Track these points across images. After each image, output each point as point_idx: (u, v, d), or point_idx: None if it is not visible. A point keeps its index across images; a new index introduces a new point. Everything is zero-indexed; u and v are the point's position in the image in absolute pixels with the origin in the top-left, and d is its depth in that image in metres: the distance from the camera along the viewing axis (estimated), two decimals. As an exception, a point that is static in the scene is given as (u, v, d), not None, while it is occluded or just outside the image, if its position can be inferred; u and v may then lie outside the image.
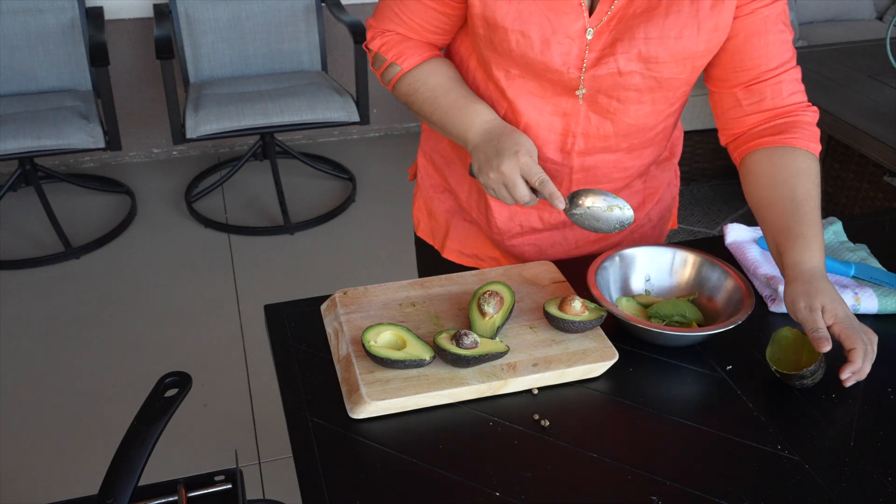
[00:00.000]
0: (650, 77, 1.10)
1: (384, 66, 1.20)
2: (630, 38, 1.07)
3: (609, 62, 1.08)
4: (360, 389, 0.94)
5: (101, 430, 2.21)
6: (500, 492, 0.86)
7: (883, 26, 3.74)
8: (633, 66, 1.08)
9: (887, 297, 1.13)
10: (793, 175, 1.10)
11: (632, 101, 1.13)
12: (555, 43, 1.07)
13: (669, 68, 1.09)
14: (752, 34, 1.10)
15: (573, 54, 1.08)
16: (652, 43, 1.06)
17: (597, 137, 1.17)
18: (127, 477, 0.86)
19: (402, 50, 1.18)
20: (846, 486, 0.87)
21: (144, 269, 2.95)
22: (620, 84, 1.10)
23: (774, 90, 1.13)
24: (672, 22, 1.06)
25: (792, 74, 1.14)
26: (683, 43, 1.07)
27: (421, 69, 1.18)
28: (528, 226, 1.28)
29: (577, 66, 1.09)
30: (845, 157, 2.66)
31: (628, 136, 1.18)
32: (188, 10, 3.20)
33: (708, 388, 1.01)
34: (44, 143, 2.80)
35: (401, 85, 1.20)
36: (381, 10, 1.19)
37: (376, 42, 1.20)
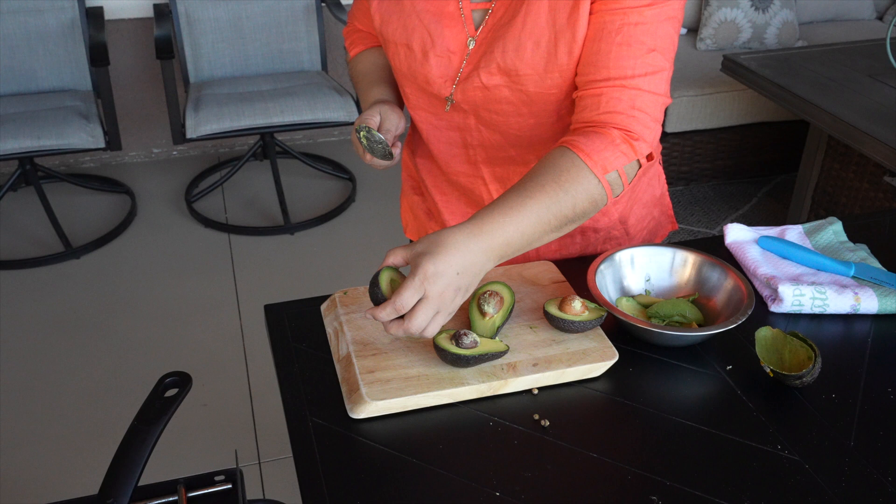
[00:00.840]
0: (518, 90, 1.06)
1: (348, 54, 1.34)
2: (490, 51, 1.05)
3: (473, 77, 1.08)
4: (360, 389, 0.94)
5: (101, 430, 2.21)
6: (500, 492, 0.86)
7: (883, 26, 3.74)
8: (497, 80, 1.06)
9: (887, 297, 1.13)
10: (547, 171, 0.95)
11: (510, 113, 1.10)
12: (433, 56, 1.09)
13: (534, 82, 1.04)
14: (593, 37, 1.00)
15: (452, 67, 1.09)
16: (509, 55, 1.03)
17: (494, 148, 1.17)
18: (127, 477, 0.86)
19: (354, 40, 1.32)
20: (846, 486, 0.87)
21: (144, 269, 2.95)
22: (491, 98, 1.09)
23: (592, 102, 1.00)
24: (528, 32, 1.02)
25: (620, 93, 0.98)
26: (541, 54, 1.01)
27: (359, 56, 1.31)
28: None
29: (451, 80, 1.11)
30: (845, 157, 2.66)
31: (529, 148, 1.15)
32: (188, 10, 3.20)
33: (708, 388, 1.01)
34: (44, 143, 2.80)
35: (349, 68, 1.34)
36: (352, 9, 1.32)
37: (345, 31, 1.35)
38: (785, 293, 1.12)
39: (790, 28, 3.46)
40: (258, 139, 3.39)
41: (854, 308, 1.12)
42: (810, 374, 0.97)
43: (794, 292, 1.12)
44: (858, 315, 1.14)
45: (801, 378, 0.97)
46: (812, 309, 1.13)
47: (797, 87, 2.48)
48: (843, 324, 1.13)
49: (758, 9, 3.40)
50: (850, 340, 1.09)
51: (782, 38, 3.45)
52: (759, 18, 3.41)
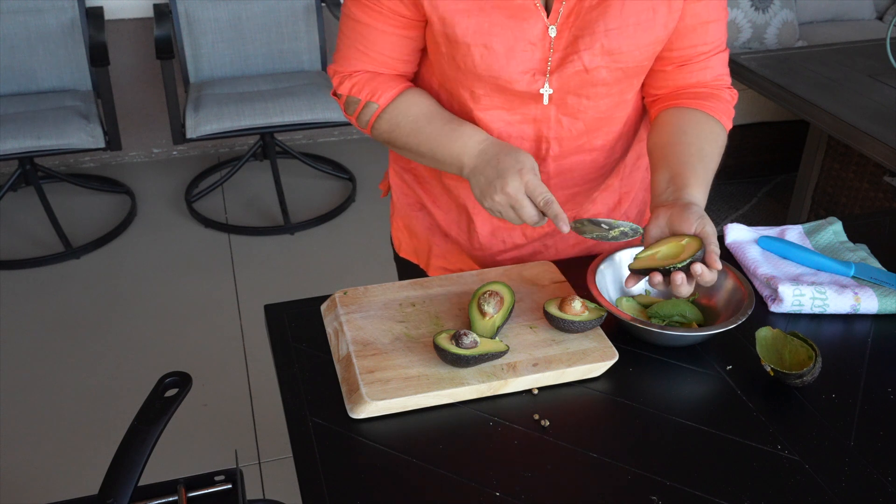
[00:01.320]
0: (616, 69, 1.09)
1: (359, 109, 1.15)
2: (591, 32, 1.05)
3: (574, 61, 1.07)
4: (360, 389, 0.94)
5: (101, 430, 2.21)
6: (500, 492, 0.86)
7: (883, 26, 3.74)
8: (599, 61, 1.07)
9: (887, 297, 1.13)
10: (703, 134, 1.12)
11: (601, 96, 1.12)
12: (518, 51, 1.06)
13: (633, 57, 1.09)
14: (695, 19, 1.11)
15: (536, 59, 1.07)
16: (612, 34, 1.05)
17: (569, 139, 1.16)
18: (127, 477, 0.86)
19: (375, 87, 1.13)
20: (846, 486, 0.87)
21: (144, 269, 2.95)
22: (588, 81, 1.09)
23: (703, 71, 1.17)
24: (629, 10, 1.05)
25: (720, 58, 1.17)
26: (642, 30, 1.06)
27: (399, 102, 1.14)
28: (511, 242, 1.28)
29: (541, 72, 1.08)
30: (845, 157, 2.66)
31: (599, 132, 1.17)
32: (188, 10, 3.20)
33: (708, 388, 1.01)
34: (44, 143, 2.80)
35: (380, 123, 1.15)
36: (343, 53, 1.15)
37: (345, 86, 1.15)
38: (785, 293, 1.12)
39: (790, 28, 3.46)
40: (258, 139, 3.39)
41: (854, 308, 1.12)
42: (811, 373, 0.97)
43: (794, 292, 1.12)
44: (858, 315, 1.14)
45: (802, 377, 0.97)
46: (812, 309, 1.12)
47: (797, 87, 2.48)
48: (843, 324, 1.13)
49: (758, 9, 3.40)
50: (850, 340, 1.09)
51: (782, 38, 3.45)
52: (759, 18, 3.41)
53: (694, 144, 1.10)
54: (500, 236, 1.27)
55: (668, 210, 1.03)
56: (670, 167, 1.08)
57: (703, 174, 1.08)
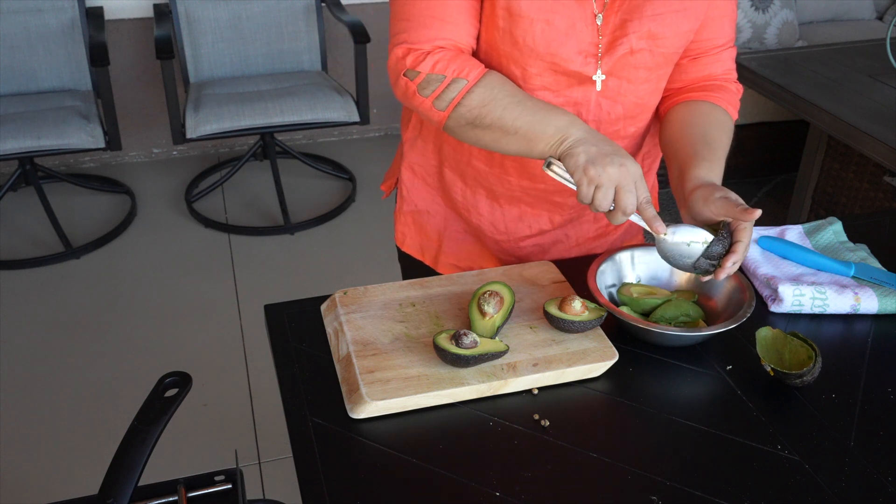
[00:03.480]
0: (658, 54, 1.12)
1: (442, 87, 1.06)
2: (639, 16, 1.08)
3: (623, 43, 1.10)
4: (360, 389, 0.94)
5: (101, 430, 2.21)
6: (500, 492, 0.86)
7: (883, 26, 3.74)
8: (644, 44, 1.10)
9: (887, 297, 1.13)
10: (708, 122, 1.16)
11: (641, 80, 1.15)
12: (578, 30, 1.08)
13: (672, 43, 1.12)
14: (716, 12, 1.15)
15: (587, 41, 1.09)
16: (658, 19, 1.09)
17: (608, 122, 1.17)
18: (127, 477, 0.86)
19: (462, 64, 1.06)
20: (846, 486, 0.87)
21: (144, 269, 2.95)
22: (632, 64, 1.12)
23: (714, 64, 1.21)
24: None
25: (730, 53, 1.22)
26: (683, 16, 1.10)
27: (492, 77, 1.08)
28: (536, 227, 1.29)
29: (592, 54, 1.10)
30: (845, 157, 2.66)
31: (635, 119, 1.19)
32: (188, 10, 3.20)
33: (708, 388, 1.01)
34: (44, 143, 2.80)
35: (470, 98, 1.06)
36: (415, 22, 1.07)
37: (427, 63, 1.06)
38: (785, 293, 1.12)
39: (790, 28, 3.46)
40: (258, 139, 3.39)
41: (854, 308, 1.12)
42: (811, 373, 0.97)
43: (794, 292, 1.12)
44: (858, 315, 1.14)
45: (802, 377, 0.97)
46: (812, 309, 1.13)
47: (797, 87, 2.48)
48: (843, 324, 1.13)
49: (758, 9, 3.40)
50: (850, 340, 1.09)
51: (782, 38, 3.45)
52: (759, 18, 3.41)
53: (698, 133, 1.14)
54: (527, 221, 1.28)
55: (686, 202, 1.07)
56: (679, 160, 1.13)
57: (710, 154, 1.11)
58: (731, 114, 1.20)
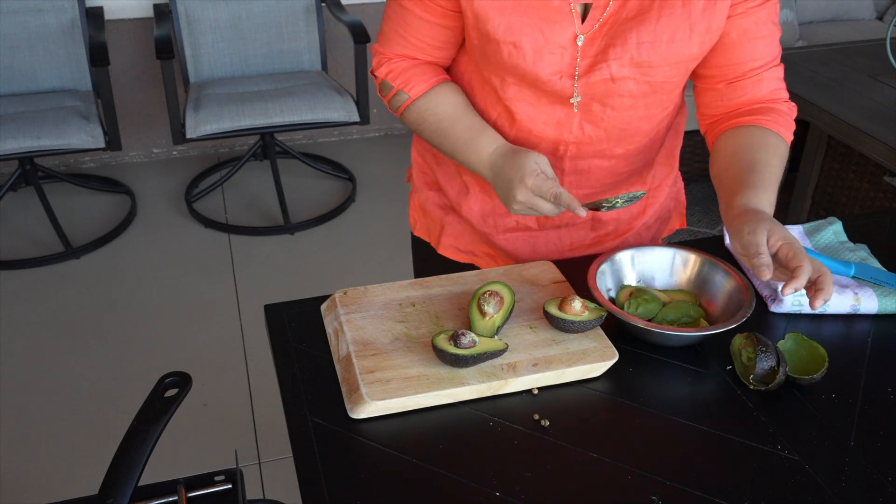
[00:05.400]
0: (644, 82, 1.09)
1: (391, 94, 1.19)
2: (622, 43, 1.06)
3: (602, 69, 1.08)
4: (360, 389, 0.94)
5: (101, 430, 2.21)
6: (500, 492, 0.86)
7: (883, 26, 3.74)
8: (627, 72, 1.08)
9: (887, 297, 1.13)
10: (757, 146, 1.12)
11: (625, 107, 1.12)
12: (546, 53, 1.07)
13: (663, 72, 1.09)
14: (742, 35, 1.11)
15: (565, 63, 1.08)
16: (644, 47, 1.06)
17: (588, 143, 1.17)
18: (127, 477, 0.86)
19: (409, 77, 1.17)
20: (846, 486, 0.87)
21: (144, 269, 2.95)
22: (614, 91, 1.10)
23: (756, 86, 1.16)
24: (664, 25, 1.05)
25: (774, 72, 1.16)
26: (676, 46, 1.07)
27: (428, 97, 1.17)
28: (523, 223, 1.29)
29: (569, 75, 1.09)
30: (845, 157, 2.66)
31: (621, 141, 1.18)
32: (188, 10, 3.20)
33: (708, 388, 1.01)
34: (44, 143, 2.80)
35: (409, 113, 1.19)
36: (385, 34, 1.18)
37: (383, 69, 1.19)
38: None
39: (790, 28, 3.46)
40: (258, 139, 3.39)
41: (854, 308, 1.12)
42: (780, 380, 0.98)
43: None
44: (858, 315, 1.14)
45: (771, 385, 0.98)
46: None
47: (797, 87, 2.48)
48: (843, 324, 1.13)
49: (758, 9, 3.40)
50: (850, 340, 1.09)
51: (782, 38, 3.45)
52: (759, 18, 3.41)
53: (746, 160, 1.10)
54: (514, 216, 1.29)
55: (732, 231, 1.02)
56: (725, 191, 1.09)
57: (757, 180, 1.07)
58: (783, 136, 1.15)
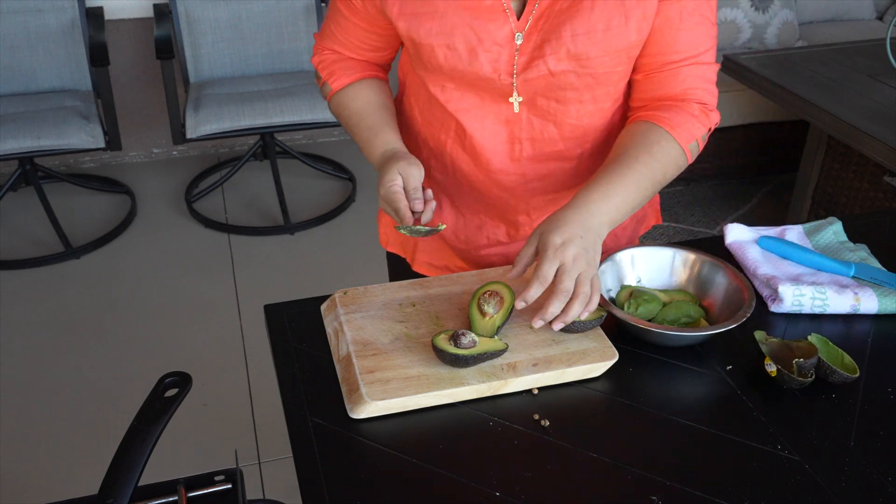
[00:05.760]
0: (585, 74, 1.07)
1: (320, 83, 1.24)
2: (557, 37, 1.04)
3: (539, 64, 1.06)
4: (360, 389, 0.94)
5: (100, 430, 2.21)
6: (500, 492, 0.86)
7: (883, 26, 3.74)
8: (565, 66, 1.06)
9: (887, 297, 1.13)
10: (638, 144, 1.07)
11: (570, 100, 1.11)
12: (482, 52, 1.06)
13: (603, 63, 1.06)
14: (665, 24, 1.06)
15: (503, 60, 1.07)
16: (580, 39, 1.04)
17: (543, 142, 1.15)
18: (127, 477, 0.86)
19: (335, 70, 1.21)
20: (846, 486, 0.87)
21: (144, 269, 2.95)
22: (556, 84, 1.08)
23: (670, 81, 1.10)
24: (598, 15, 1.03)
25: (695, 70, 1.09)
26: (613, 35, 1.04)
27: (346, 91, 1.21)
28: (494, 239, 1.28)
29: (507, 73, 1.08)
30: (845, 157, 2.66)
31: (578, 141, 1.16)
32: (188, 10, 3.20)
33: (708, 388, 1.01)
34: (44, 143, 2.80)
35: (332, 104, 1.24)
36: (324, 27, 1.23)
37: (316, 58, 1.24)
38: (785, 293, 1.12)
39: (790, 28, 3.46)
40: (258, 139, 3.39)
41: (854, 308, 1.12)
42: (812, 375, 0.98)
43: (794, 292, 1.12)
44: (858, 315, 1.14)
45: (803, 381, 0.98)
46: (812, 309, 1.12)
47: (797, 87, 2.48)
48: (843, 324, 1.13)
49: (758, 9, 3.40)
50: (850, 340, 1.09)
51: (782, 38, 3.45)
52: (759, 18, 3.41)
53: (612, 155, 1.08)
54: (486, 231, 1.28)
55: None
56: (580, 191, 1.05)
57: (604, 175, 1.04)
58: (675, 136, 1.08)
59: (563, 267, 0.96)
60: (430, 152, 1.25)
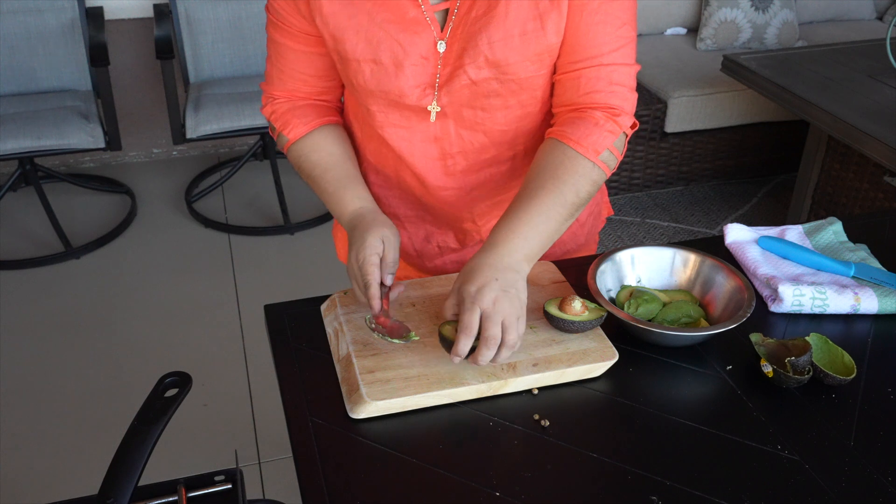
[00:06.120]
0: (508, 80, 1.04)
1: (275, 134, 1.19)
2: (474, 45, 1.01)
3: (460, 75, 1.04)
4: (360, 389, 0.94)
5: (101, 430, 2.21)
6: (500, 492, 0.86)
7: (883, 26, 3.74)
8: (486, 73, 1.03)
9: (887, 297, 1.13)
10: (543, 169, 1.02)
11: (496, 108, 1.08)
12: (408, 65, 1.03)
13: (525, 68, 1.03)
14: (569, 25, 1.02)
15: (428, 73, 1.04)
16: (497, 46, 1.01)
17: (474, 152, 1.13)
18: (127, 477, 0.86)
19: (289, 119, 1.16)
20: (846, 486, 0.87)
21: (144, 269, 2.95)
22: (479, 93, 1.06)
23: (572, 86, 1.05)
24: (513, 20, 1.00)
25: (597, 73, 1.03)
26: (529, 39, 1.01)
27: (304, 142, 1.16)
28: (445, 246, 1.27)
29: (430, 85, 1.05)
30: (845, 157, 2.66)
31: (511, 145, 1.13)
32: (188, 10, 3.20)
33: (708, 388, 1.01)
34: (44, 143, 2.80)
35: (290, 154, 1.18)
36: (268, 72, 1.17)
37: (267, 108, 1.18)
38: (785, 293, 1.12)
39: (790, 28, 3.46)
40: (258, 139, 3.39)
41: (854, 308, 1.12)
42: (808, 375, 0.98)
43: (794, 292, 1.12)
44: (858, 315, 1.14)
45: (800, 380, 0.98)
46: (812, 309, 1.13)
47: (797, 87, 2.48)
48: (843, 324, 1.13)
49: (758, 9, 3.40)
50: (850, 340, 1.09)
51: (782, 38, 3.45)
52: (759, 18, 3.41)
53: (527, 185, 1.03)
54: (434, 241, 1.26)
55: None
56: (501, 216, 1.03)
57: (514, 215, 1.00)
58: (580, 151, 1.02)
59: (484, 314, 0.93)
60: (368, 166, 1.22)
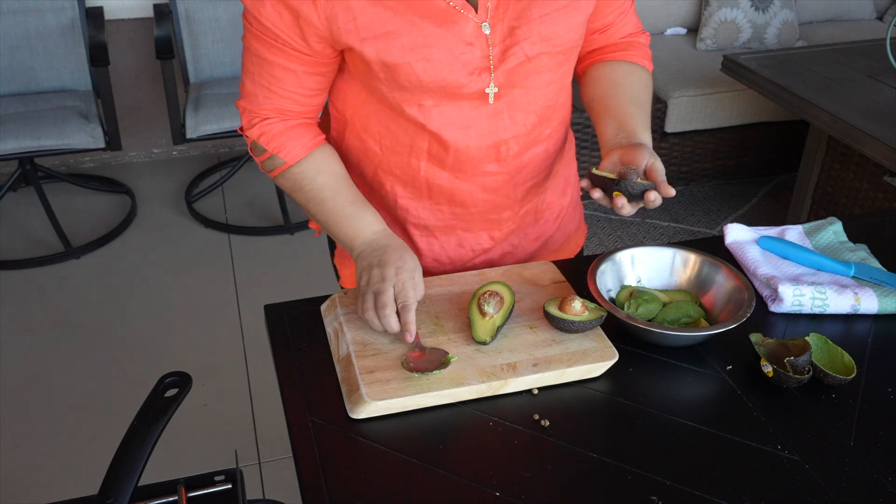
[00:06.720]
0: (556, 53, 1.09)
1: (265, 156, 1.13)
2: (527, 21, 1.05)
3: (516, 52, 1.06)
4: (360, 389, 0.94)
5: (101, 430, 2.21)
6: (499, 492, 0.86)
7: (883, 26, 3.74)
8: (539, 48, 1.07)
9: (887, 297, 1.13)
10: (635, 82, 1.20)
11: (544, 84, 1.12)
12: (458, 53, 1.04)
13: (570, 38, 1.10)
14: None
15: (478, 56, 1.05)
16: (547, 19, 1.05)
17: (525, 134, 1.15)
18: (127, 477, 0.86)
19: (284, 142, 1.12)
20: (846, 486, 0.87)
21: (144, 269, 2.95)
22: (531, 70, 1.09)
23: (623, 27, 1.23)
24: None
25: (624, 17, 1.22)
26: (573, 9, 1.07)
27: (306, 164, 1.13)
28: (479, 248, 1.26)
29: (485, 68, 1.06)
30: (845, 157, 2.66)
31: (549, 121, 1.18)
32: (188, 10, 3.20)
33: (708, 388, 1.01)
34: (44, 143, 2.80)
35: (284, 178, 1.14)
36: (249, 90, 1.11)
37: (255, 130, 1.12)
38: (785, 293, 1.12)
39: (790, 28, 3.46)
40: (258, 139, 3.39)
41: (854, 308, 1.12)
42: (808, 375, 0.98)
43: (794, 292, 1.12)
44: (858, 315, 1.14)
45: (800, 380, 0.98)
46: (812, 309, 1.13)
47: (797, 87, 2.48)
48: (843, 324, 1.13)
49: (758, 9, 3.40)
50: (850, 340, 1.09)
51: (782, 38, 3.45)
52: (759, 18, 3.41)
53: (629, 94, 1.18)
54: (468, 246, 1.26)
55: (620, 150, 1.06)
56: (615, 117, 1.14)
57: (645, 119, 1.15)
58: (646, 67, 1.25)
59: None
60: (395, 180, 1.20)
